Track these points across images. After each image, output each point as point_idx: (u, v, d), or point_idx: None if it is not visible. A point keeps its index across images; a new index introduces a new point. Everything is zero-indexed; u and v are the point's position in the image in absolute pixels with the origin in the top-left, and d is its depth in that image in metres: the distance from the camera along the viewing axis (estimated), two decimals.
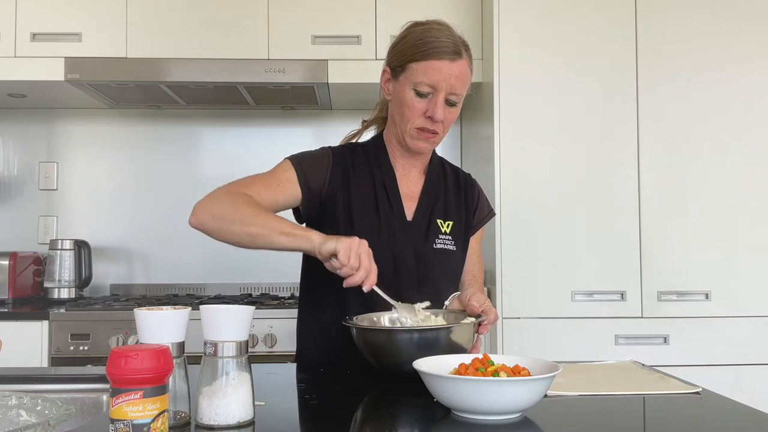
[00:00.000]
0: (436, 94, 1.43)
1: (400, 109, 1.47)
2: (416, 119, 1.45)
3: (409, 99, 1.45)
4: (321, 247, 1.28)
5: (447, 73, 1.41)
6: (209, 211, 1.37)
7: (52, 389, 1.30)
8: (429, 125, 1.45)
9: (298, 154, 1.52)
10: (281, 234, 1.32)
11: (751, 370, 2.45)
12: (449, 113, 1.46)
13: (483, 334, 1.36)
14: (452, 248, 1.53)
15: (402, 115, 1.47)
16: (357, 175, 1.51)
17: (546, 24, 2.51)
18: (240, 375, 0.94)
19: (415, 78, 1.43)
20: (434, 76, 1.41)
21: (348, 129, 1.68)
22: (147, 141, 3.18)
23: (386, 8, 2.74)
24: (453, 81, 1.42)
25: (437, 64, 1.41)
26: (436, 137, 1.48)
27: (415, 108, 1.44)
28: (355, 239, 1.26)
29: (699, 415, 1.10)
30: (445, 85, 1.42)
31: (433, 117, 1.43)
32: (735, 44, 2.53)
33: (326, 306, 1.50)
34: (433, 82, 1.42)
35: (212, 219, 1.36)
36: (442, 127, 1.47)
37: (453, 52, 1.42)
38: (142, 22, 2.73)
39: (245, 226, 1.34)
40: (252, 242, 1.35)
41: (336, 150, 1.55)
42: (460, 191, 1.61)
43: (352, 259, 1.24)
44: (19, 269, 2.83)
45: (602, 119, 2.50)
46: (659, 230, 2.48)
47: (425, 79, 1.42)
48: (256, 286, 3.12)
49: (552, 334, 2.42)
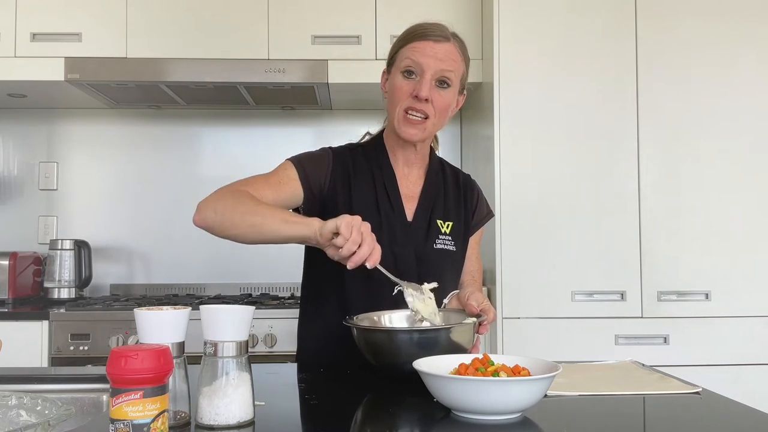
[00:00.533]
0: (423, 74, 1.44)
1: (391, 95, 1.49)
2: (404, 100, 1.45)
3: (398, 82, 1.46)
4: (322, 229, 1.25)
5: (431, 51, 1.44)
6: (212, 207, 1.38)
7: (52, 389, 1.30)
8: (416, 104, 1.44)
9: (299, 155, 1.53)
10: (282, 222, 1.32)
11: (751, 370, 2.45)
12: (439, 95, 1.45)
13: (482, 334, 1.36)
14: (452, 248, 1.54)
15: (392, 100, 1.49)
16: (357, 175, 1.52)
17: (546, 24, 2.51)
18: (240, 375, 0.94)
19: (401, 62, 1.46)
20: (418, 55, 1.44)
21: (348, 129, 1.69)
22: (147, 141, 3.18)
23: (386, 8, 2.74)
24: (439, 59, 1.44)
25: (421, 44, 1.45)
26: (426, 122, 1.46)
27: (403, 90, 1.45)
28: (357, 217, 1.24)
29: (699, 415, 1.10)
30: (431, 63, 1.43)
31: (419, 95, 1.43)
32: (736, 44, 2.53)
33: (327, 305, 1.50)
34: (417, 60, 1.44)
35: (215, 213, 1.36)
36: (432, 110, 1.45)
37: (438, 35, 1.45)
38: (142, 22, 2.73)
39: (246, 216, 1.34)
40: (253, 232, 1.34)
41: (336, 150, 1.56)
42: (459, 192, 1.61)
43: (354, 233, 1.22)
44: (19, 269, 2.83)
45: (602, 119, 2.50)
46: (659, 230, 2.48)
47: (410, 59, 1.44)
48: (256, 286, 3.12)
49: (552, 334, 2.42)
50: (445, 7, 2.74)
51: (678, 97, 2.51)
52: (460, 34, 1.52)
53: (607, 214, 2.48)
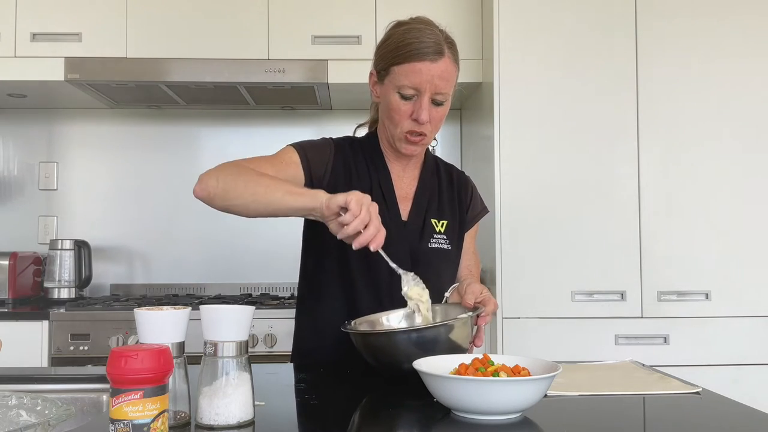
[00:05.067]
0: (420, 96, 1.42)
1: (389, 113, 1.47)
2: (404, 123, 1.44)
3: (395, 103, 1.44)
4: (330, 201, 1.22)
5: (429, 74, 1.40)
6: (214, 176, 1.35)
7: (52, 389, 1.30)
8: (416, 128, 1.44)
9: (301, 142, 1.53)
10: (287, 192, 1.29)
11: (751, 370, 2.45)
12: (436, 112, 1.45)
13: (484, 325, 1.35)
14: (447, 247, 1.54)
15: (390, 119, 1.47)
16: (356, 170, 1.52)
17: (546, 24, 2.51)
18: (240, 375, 0.94)
19: (398, 81, 1.42)
20: (416, 78, 1.40)
21: (348, 129, 1.68)
22: (147, 141, 3.18)
23: (386, 8, 2.74)
24: (436, 81, 1.41)
25: (418, 66, 1.40)
26: (425, 139, 1.47)
27: (401, 111, 1.44)
28: (367, 195, 1.22)
29: (699, 415, 1.10)
30: (428, 86, 1.41)
31: (419, 119, 1.42)
32: (736, 43, 2.52)
33: (324, 306, 1.50)
34: (415, 85, 1.41)
35: (217, 182, 1.34)
36: (430, 128, 1.46)
37: (434, 52, 1.40)
38: (142, 22, 2.73)
39: (250, 184, 1.31)
40: (256, 202, 1.31)
41: (338, 142, 1.56)
42: (453, 190, 1.61)
43: (363, 211, 1.19)
44: (19, 269, 2.83)
45: (602, 119, 2.50)
46: (659, 230, 2.48)
47: (407, 81, 1.41)
48: (256, 286, 3.12)
49: (552, 334, 2.42)
50: (445, 7, 2.74)
51: (678, 97, 2.51)
52: (460, 34, 1.51)
53: (607, 214, 2.48)
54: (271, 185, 1.31)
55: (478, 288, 1.38)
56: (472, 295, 1.36)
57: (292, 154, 1.48)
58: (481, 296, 1.36)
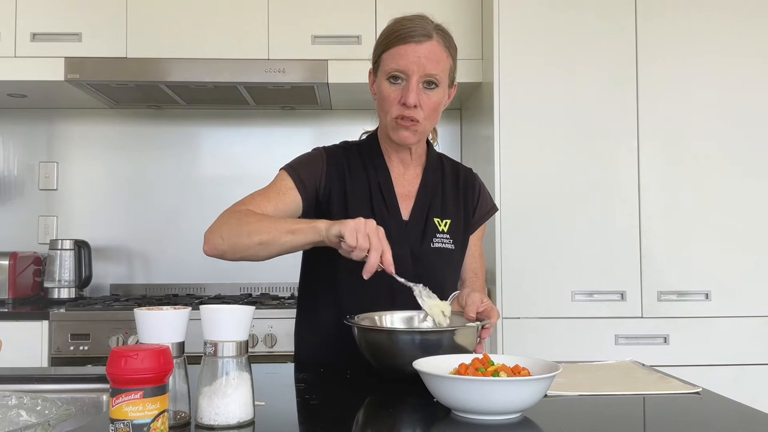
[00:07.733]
0: (408, 79, 1.42)
1: (380, 102, 1.48)
2: (393, 108, 1.44)
3: (385, 89, 1.45)
4: (328, 233, 1.25)
5: (414, 55, 1.41)
6: (218, 233, 1.37)
7: (52, 389, 1.30)
8: (405, 112, 1.43)
9: (292, 162, 1.52)
10: (289, 233, 1.31)
11: (751, 370, 2.45)
12: (428, 98, 1.44)
13: (485, 338, 1.33)
14: (450, 247, 1.52)
15: (382, 108, 1.48)
16: (352, 175, 1.51)
17: (546, 24, 2.51)
18: (240, 375, 0.94)
19: (386, 67, 1.44)
20: (402, 60, 1.42)
21: (348, 129, 1.69)
22: (147, 141, 3.18)
23: (386, 8, 2.74)
24: (423, 62, 1.41)
25: (403, 49, 1.42)
26: (418, 125, 1.45)
27: (391, 97, 1.44)
28: (361, 219, 1.24)
29: (699, 415, 1.10)
30: (415, 68, 1.41)
31: (406, 102, 1.42)
32: (736, 42, 2.52)
33: (323, 308, 1.50)
34: (401, 67, 1.42)
35: (222, 240, 1.36)
36: (422, 114, 1.44)
37: (420, 35, 1.42)
38: (142, 22, 2.73)
39: (253, 235, 1.33)
40: (265, 250, 1.33)
41: (329, 150, 1.55)
42: (459, 188, 1.59)
43: (360, 239, 1.21)
44: (19, 269, 2.84)
45: (602, 119, 2.50)
46: (659, 230, 2.48)
47: (394, 65, 1.42)
48: (256, 286, 3.12)
49: (552, 334, 2.42)
50: (445, 7, 2.73)
51: (678, 97, 2.51)
52: (460, 34, 1.51)
53: (607, 214, 2.48)
54: (273, 229, 1.32)
55: (478, 298, 1.36)
56: (473, 305, 1.34)
57: (285, 180, 1.47)
58: (483, 306, 1.35)
